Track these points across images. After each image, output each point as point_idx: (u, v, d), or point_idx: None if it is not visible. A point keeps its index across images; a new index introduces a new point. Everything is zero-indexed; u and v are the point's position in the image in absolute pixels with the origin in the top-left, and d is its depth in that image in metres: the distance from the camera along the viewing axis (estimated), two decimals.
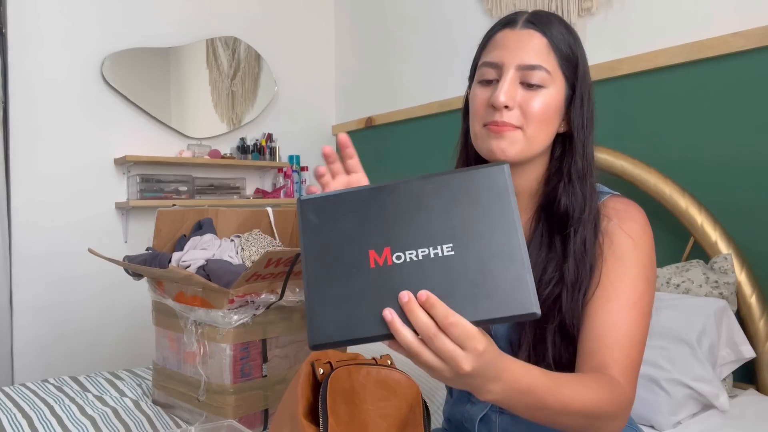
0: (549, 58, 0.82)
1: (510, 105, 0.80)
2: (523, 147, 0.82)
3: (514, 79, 0.81)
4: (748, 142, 1.58)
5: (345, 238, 0.55)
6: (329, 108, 3.26)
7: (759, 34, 1.55)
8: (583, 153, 0.85)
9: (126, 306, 2.54)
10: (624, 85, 1.86)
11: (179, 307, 1.33)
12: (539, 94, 0.81)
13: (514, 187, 0.67)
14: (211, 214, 1.65)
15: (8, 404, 1.44)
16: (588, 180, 0.85)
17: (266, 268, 1.22)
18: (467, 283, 0.52)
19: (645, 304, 0.81)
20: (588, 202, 0.83)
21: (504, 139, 0.81)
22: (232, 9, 2.88)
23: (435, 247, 0.53)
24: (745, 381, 1.54)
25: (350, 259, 0.54)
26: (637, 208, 0.86)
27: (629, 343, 0.77)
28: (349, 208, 0.56)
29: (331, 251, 0.55)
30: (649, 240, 0.84)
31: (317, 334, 0.52)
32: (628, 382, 0.75)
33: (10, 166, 2.29)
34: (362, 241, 0.55)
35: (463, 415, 0.95)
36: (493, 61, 0.83)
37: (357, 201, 0.57)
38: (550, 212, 0.86)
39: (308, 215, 0.56)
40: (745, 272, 1.50)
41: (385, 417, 0.79)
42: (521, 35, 0.82)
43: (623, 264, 0.81)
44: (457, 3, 2.50)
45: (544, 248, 0.85)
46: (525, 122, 0.81)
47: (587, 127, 0.85)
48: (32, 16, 2.34)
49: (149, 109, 2.61)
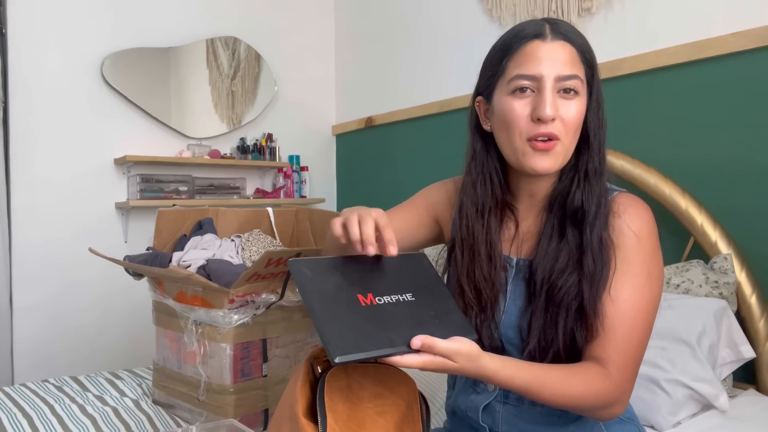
0: (580, 67, 0.85)
1: (556, 117, 0.83)
2: (562, 159, 0.86)
3: (554, 90, 0.84)
4: (748, 142, 1.58)
5: (336, 287, 0.72)
6: (329, 108, 3.26)
7: (759, 34, 1.55)
8: (599, 152, 0.89)
9: (126, 306, 2.54)
10: (624, 85, 1.86)
11: (180, 307, 1.33)
12: (574, 102, 0.84)
13: (535, 191, 0.92)
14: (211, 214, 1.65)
15: (8, 404, 1.44)
16: (602, 179, 0.89)
17: (266, 268, 1.22)
18: (429, 316, 0.75)
19: (647, 302, 0.85)
20: (603, 200, 0.87)
21: (549, 157, 0.85)
22: (232, 9, 2.88)
23: (401, 295, 0.76)
24: (745, 381, 1.54)
25: (345, 300, 0.71)
26: (644, 205, 0.89)
27: (627, 340, 0.83)
28: (333, 268, 0.75)
29: (328, 294, 0.71)
30: (654, 238, 0.88)
31: (339, 351, 0.65)
32: (623, 377, 0.82)
33: (10, 166, 2.29)
34: (350, 289, 0.73)
35: (467, 404, 0.98)
36: (530, 73, 0.84)
37: (338, 264, 0.76)
38: (561, 206, 0.90)
39: (302, 270, 0.72)
40: (745, 272, 1.50)
41: (382, 414, 0.79)
42: (554, 47, 0.84)
43: (626, 262, 0.85)
44: (457, 3, 2.50)
45: (555, 239, 0.89)
46: (564, 132, 0.84)
47: (601, 129, 0.89)
48: (32, 16, 2.34)
49: (149, 109, 2.61)
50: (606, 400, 0.81)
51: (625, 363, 0.82)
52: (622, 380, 0.82)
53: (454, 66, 2.51)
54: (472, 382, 0.98)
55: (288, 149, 3.05)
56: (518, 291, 0.92)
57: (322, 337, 0.65)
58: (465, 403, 0.99)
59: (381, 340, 0.68)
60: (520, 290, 0.91)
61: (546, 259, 0.88)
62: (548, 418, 0.92)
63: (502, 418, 0.94)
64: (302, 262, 0.73)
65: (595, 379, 0.80)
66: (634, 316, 0.83)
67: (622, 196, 0.90)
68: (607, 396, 0.80)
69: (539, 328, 0.86)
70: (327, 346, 0.65)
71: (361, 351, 0.66)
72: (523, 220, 0.95)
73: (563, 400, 0.79)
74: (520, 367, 0.77)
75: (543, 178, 0.91)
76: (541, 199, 0.93)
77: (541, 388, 0.77)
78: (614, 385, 0.81)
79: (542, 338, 0.86)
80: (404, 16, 2.79)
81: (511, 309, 0.92)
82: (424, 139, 2.68)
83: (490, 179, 0.93)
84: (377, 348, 0.67)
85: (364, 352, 0.66)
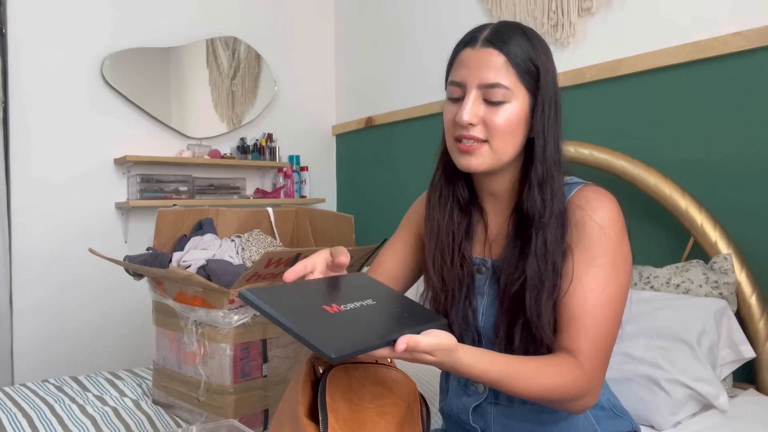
0: (508, 75, 0.85)
1: (474, 122, 0.86)
2: (491, 160, 0.88)
3: (477, 97, 0.86)
4: (748, 142, 1.58)
5: (299, 303, 0.72)
6: (329, 108, 3.26)
7: (759, 34, 1.55)
8: (543, 159, 0.88)
9: (126, 306, 2.53)
10: (624, 85, 1.86)
11: (179, 307, 1.33)
12: (501, 110, 0.86)
13: (494, 190, 0.94)
14: (211, 214, 1.65)
15: (8, 404, 1.44)
16: (548, 184, 0.88)
17: (266, 268, 1.22)
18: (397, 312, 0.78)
19: (613, 291, 0.85)
20: (548, 206, 0.87)
21: (473, 156, 0.88)
22: (232, 9, 2.88)
23: (363, 301, 0.77)
24: (745, 381, 1.54)
25: (314, 311, 0.71)
26: (608, 196, 0.89)
27: (595, 330, 0.83)
28: (288, 291, 0.75)
29: (294, 309, 0.70)
30: (619, 227, 0.87)
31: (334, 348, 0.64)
32: (593, 368, 0.83)
33: (10, 166, 2.29)
34: (314, 303, 0.73)
35: (458, 407, 0.99)
36: (456, 80, 0.89)
37: (290, 287, 0.76)
38: (518, 211, 0.91)
39: (258, 296, 0.71)
40: (745, 272, 1.50)
41: (383, 415, 0.80)
42: (480, 54, 0.86)
43: (590, 254, 0.85)
44: (457, 3, 2.50)
45: (515, 247, 0.90)
46: (490, 136, 0.86)
47: (548, 133, 0.88)
48: (32, 16, 2.34)
49: (149, 109, 2.61)
50: (579, 390, 0.81)
51: (595, 353, 0.83)
52: (593, 370, 0.83)
53: None
54: (463, 384, 0.99)
55: (288, 149, 3.05)
56: (494, 292, 0.93)
57: (309, 343, 0.65)
58: (456, 405, 1.00)
59: (367, 335, 0.69)
60: (494, 292, 0.93)
61: (506, 263, 0.89)
62: (539, 416, 0.92)
63: (494, 419, 0.95)
64: (255, 291, 0.72)
65: (568, 370, 0.81)
66: (601, 306, 0.84)
67: (585, 189, 0.90)
68: (579, 387, 0.81)
69: (504, 331, 0.89)
70: (320, 348, 0.64)
71: (354, 346, 0.66)
72: (492, 223, 0.96)
73: (537, 391, 0.79)
74: (495, 359, 0.78)
75: (494, 178, 0.93)
76: (508, 203, 0.94)
77: (515, 380, 0.78)
78: (586, 375, 0.82)
79: (505, 340, 0.88)
80: (404, 16, 2.79)
81: (489, 311, 0.93)
82: (424, 139, 2.68)
83: (454, 177, 0.97)
84: (368, 341, 0.68)
85: (357, 347, 0.66)
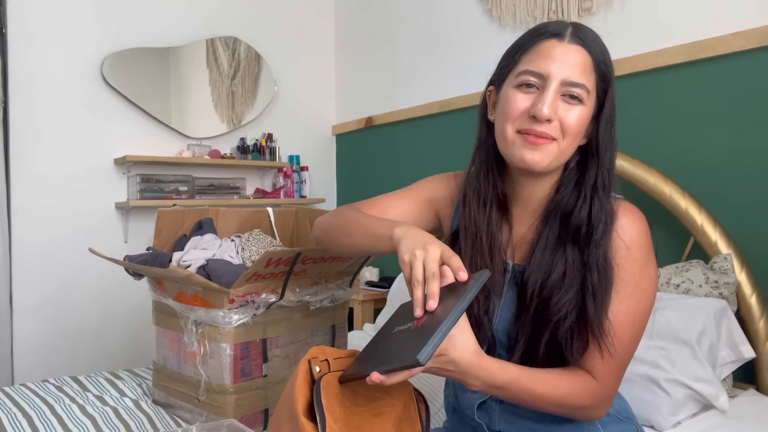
0: (591, 76, 0.84)
1: (552, 118, 0.82)
2: (554, 158, 0.85)
3: (557, 92, 0.83)
4: (748, 142, 1.58)
5: (370, 353, 0.80)
6: (329, 108, 3.26)
7: (759, 34, 1.55)
8: (609, 167, 0.88)
9: (126, 306, 2.54)
10: (624, 85, 1.86)
11: (179, 307, 1.33)
12: (577, 109, 0.84)
13: (530, 193, 0.91)
14: (211, 214, 1.65)
15: (8, 404, 1.44)
16: (606, 193, 0.87)
17: (266, 268, 1.22)
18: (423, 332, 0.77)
19: (632, 314, 0.85)
20: (602, 216, 0.86)
21: (539, 151, 0.84)
22: (232, 9, 2.88)
23: (403, 325, 0.78)
24: (745, 381, 1.54)
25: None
26: (638, 214, 0.88)
27: (613, 350, 0.84)
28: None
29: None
30: (645, 250, 0.86)
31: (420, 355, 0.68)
32: (607, 383, 0.85)
33: (10, 166, 2.29)
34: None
35: (464, 401, 1.00)
36: (538, 71, 0.84)
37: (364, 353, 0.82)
38: (561, 219, 0.88)
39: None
40: (745, 272, 1.50)
41: (378, 415, 0.80)
42: (569, 49, 0.83)
43: (614, 274, 0.85)
44: (457, 3, 2.50)
45: (548, 251, 0.87)
46: (561, 135, 0.84)
47: (613, 144, 0.88)
48: (32, 16, 2.34)
49: (149, 109, 2.61)
50: (592, 401, 0.84)
51: (611, 372, 0.85)
52: (608, 386, 0.85)
53: (454, 66, 2.51)
54: None
55: (288, 149, 3.05)
56: (512, 296, 0.92)
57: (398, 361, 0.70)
58: (462, 400, 1.00)
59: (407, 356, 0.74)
60: (513, 296, 0.91)
61: (538, 270, 0.87)
62: (544, 415, 0.92)
63: (499, 415, 0.95)
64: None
65: (581, 381, 0.83)
66: (620, 328, 0.84)
67: (617, 203, 0.89)
68: (593, 398, 0.83)
69: (525, 338, 0.87)
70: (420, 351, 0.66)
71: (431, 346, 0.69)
72: (518, 225, 0.94)
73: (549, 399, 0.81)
74: (521, 370, 0.79)
75: (538, 183, 0.90)
76: (536, 208, 0.92)
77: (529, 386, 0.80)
78: (600, 389, 0.84)
79: (527, 349, 0.87)
80: (404, 16, 2.79)
81: (503, 314, 0.92)
82: (424, 139, 2.68)
83: (492, 170, 0.93)
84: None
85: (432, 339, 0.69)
